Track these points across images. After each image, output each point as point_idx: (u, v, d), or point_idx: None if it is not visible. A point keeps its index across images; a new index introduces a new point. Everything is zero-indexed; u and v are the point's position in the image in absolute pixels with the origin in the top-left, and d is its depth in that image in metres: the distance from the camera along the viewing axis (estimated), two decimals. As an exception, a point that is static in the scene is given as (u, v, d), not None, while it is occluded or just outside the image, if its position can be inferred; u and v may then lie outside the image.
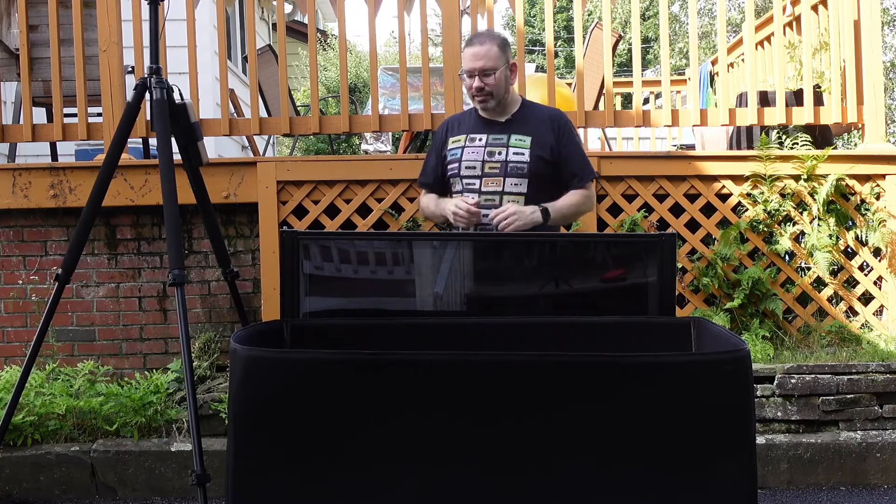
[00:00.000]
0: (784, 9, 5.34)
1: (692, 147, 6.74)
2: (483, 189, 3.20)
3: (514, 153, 3.20)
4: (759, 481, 2.31)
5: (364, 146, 7.99)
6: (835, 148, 4.89)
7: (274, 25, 10.95)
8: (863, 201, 4.73)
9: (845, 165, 4.68)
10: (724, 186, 4.70)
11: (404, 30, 5.34)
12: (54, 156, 5.52)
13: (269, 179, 4.58)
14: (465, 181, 3.24)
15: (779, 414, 3.88)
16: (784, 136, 4.84)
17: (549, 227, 3.20)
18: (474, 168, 3.22)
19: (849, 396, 3.89)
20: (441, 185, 3.38)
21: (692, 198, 4.73)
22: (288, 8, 10.39)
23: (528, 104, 3.35)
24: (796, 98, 4.97)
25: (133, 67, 4.69)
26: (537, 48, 23.56)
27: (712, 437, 1.95)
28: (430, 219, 3.52)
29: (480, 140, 3.25)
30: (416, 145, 6.58)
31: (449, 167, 3.30)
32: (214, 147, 7.94)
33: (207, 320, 4.71)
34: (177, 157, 3.29)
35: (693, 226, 4.71)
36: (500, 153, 3.21)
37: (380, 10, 5.24)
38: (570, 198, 3.25)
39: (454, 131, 3.33)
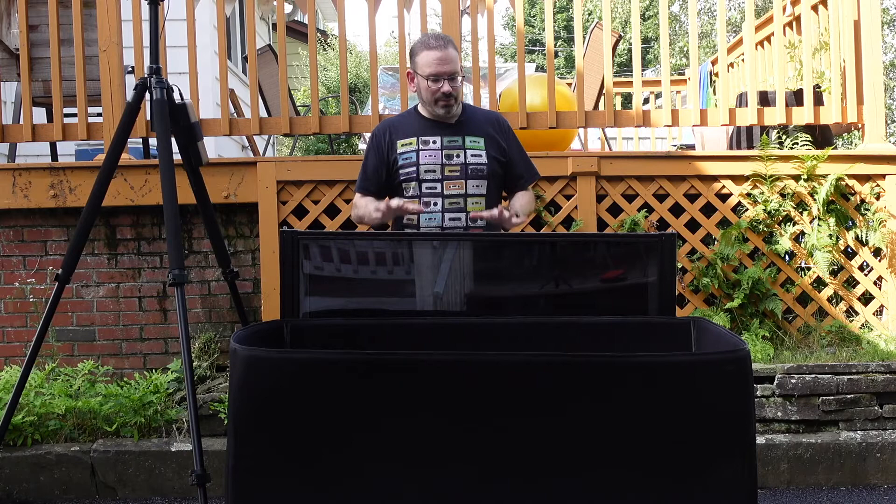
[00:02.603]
0: (784, 9, 5.34)
1: (692, 147, 6.74)
2: (446, 192, 3.19)
3: (472, 155, 3.21)
4: (759, 481, 2.31)
5: (361, 145, 8.00)
6: (835, 148, 4.89)
7: (274, 25, 10.95)
8: (863, 201, 4.73)
9: (845, 165, 4.68)
10: (724, 186, 4.70)
11: (404, 30, 5.34)
12: (54, 156, 5.52)
13: (269, 179, 4.57)
14: (425, 185, 3.20)
15: (779, 414, 3.88)
16: (784, 136, 4.84)
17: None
18: (434, 171, 3.19)
19: (849, 396, 3.89)
20: (383, 191, 3.29)
21: (692, 198, 4.73)
22: (288, 8, 10.39)
23: (467, 105, 3.36)
24: (796, 98, 4.97)
25: (133, 67, 4.69)
26: (537, 48, 23.56)
27: (712, 437, 1.95)
28: (367, 222, 3.32)
29: (435, 142, 3.21)
30: (416, 145, 6.56)
31: (402, 171, 3.21)
32: (214, 147, 7.94)
33: (207, 320, 4.71)
34: (177, 157, 3.29)
35: (693, 226, 4.71)
36: (458, 155, 3.20)
37: (379, 10, 5.24)
38: (524, 197, 3.34)
39: (399, 134, 3.25)
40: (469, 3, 5.15)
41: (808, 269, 4.74)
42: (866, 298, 4.74)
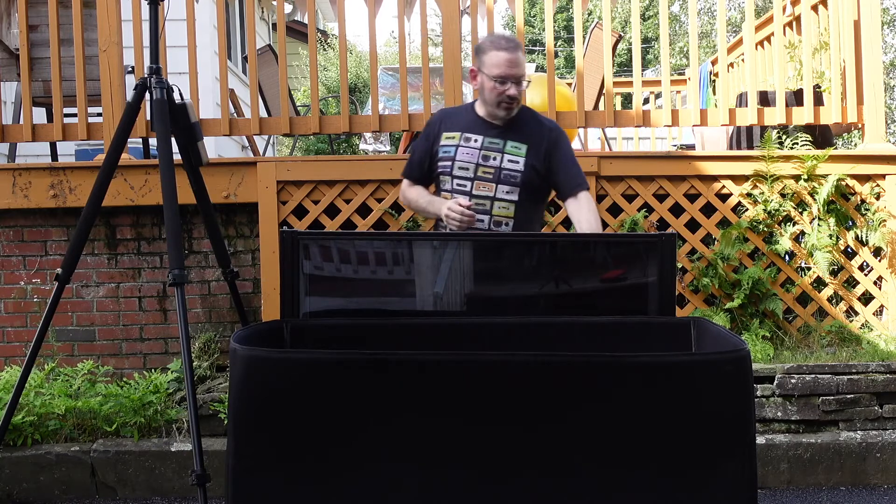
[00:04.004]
0: (784, 9, 5.34)
1: (692, 147, 6.74)
2: (474, 192, 3.18)
3: (508, 160, 3.18)
4: (759, 481, 2.31)
5: (363, 146, 8.00)
6: (835, 148, 4.89)
7: (274, 25, 10.96)
8: (863, 201, 4.73)
9: (845, 165, 4.68)
10: (724, 186, 4.71)
11: (404, 30, 5.34)
12: (54, 156, 5.52)
13: (269, 179, 4.58)
14: (456, 181, 3.20)
15: (779, 414, 3.88)
16: (784, 136, 4.84)
17: None
18: (467, 170, 3.19)
19: (849, 396, 3.89)
20: (426, 178, 3.34)
21: (692, 198, 4.73)
22: (288, 8, 10.40)
23: (525, 109, 3.31)
24: (796, 98, 4.97)
25: (133, 67, 4.69)
26: (537, 48, 23.55)
27: (712, 437, 1.95)
28: (418, 213, 3.43)
29: (476, 141, 3.20)
30: (415, 145, 6.57)
31: (440, 164, 3.25)
32: (214, 147, 7.94)
33: (207, 320, 4.71)
34: (177, 157, 3.29)
35: (693, 226, 4.71)
36: (494, 158, 3.18)
37: (380, 11, 5.24)
38: (591, 215, 3.19)
39: (448, 126, 3.28)
40: (469, 4, 5.15)
41: (808, 269, 4.74)
42: (866, 298, 4.74)
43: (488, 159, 3.19)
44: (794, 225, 4.69)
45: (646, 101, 8.23)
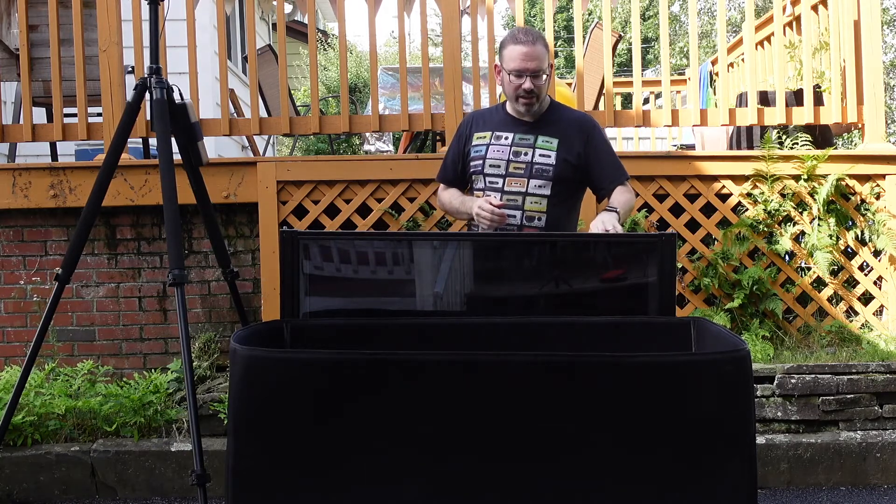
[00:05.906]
0: (784, 9, 5.34)
1: (692, 147, 6.74)
2: (506, 188, 3.16)
3: (540, 155, 3.16)
4: (759, 481, 2.31)
5: (366, 146, 8.00)
6: (835, 148, 4.89)
7: (274, 25, 10.95)
8: (863, 201, 4.73)
9: (845, 165, 4.68)
10: (724, 186, 4.71)
11: (404, 30, 5.35)
12: (54, 156, 5.52)
13: (269, 179, 4.57)
14: (488, 179, 3.19)
15: (779, 414, 3.88)
16: (784, 136, 4.84)
17: None
18: (499, 167, 3.18)
19: (849, 396, 3.89)
20: (461, 180, 3.34)
21: (692, 198, 4.73)
22: (288, 8, 10.40)
23: (556, 105, 3.29)
24: (796, 98, 4.97)
25: (133, 67, 4.69)
26: (537, 48, 23.48)
27: (712, 436, 1.95)
28: (452, 215, 3.43)
29: (506, 139, 3.19)
30: (415, 145, 6.59)
31: (472, 164, 3.24)
32: (214, 147, 7.94)
33: (207, 320, 4.71)
34: (177, 157, 3.29)
35: (693, 226, 4.71)
36: (525, 153, 3.16)
37: (380, 10, 5.24)
38: (624, 195, 3.20)
39: (479, 127, 3.27)
40: (469, 4, 5.15)
41: (809, 269, 4.74)
42: (866, 298, 4.74)
43: (519, 155, 3.17)
44: (794, 225, 4.69)
45: (646, 101, 8.23)
